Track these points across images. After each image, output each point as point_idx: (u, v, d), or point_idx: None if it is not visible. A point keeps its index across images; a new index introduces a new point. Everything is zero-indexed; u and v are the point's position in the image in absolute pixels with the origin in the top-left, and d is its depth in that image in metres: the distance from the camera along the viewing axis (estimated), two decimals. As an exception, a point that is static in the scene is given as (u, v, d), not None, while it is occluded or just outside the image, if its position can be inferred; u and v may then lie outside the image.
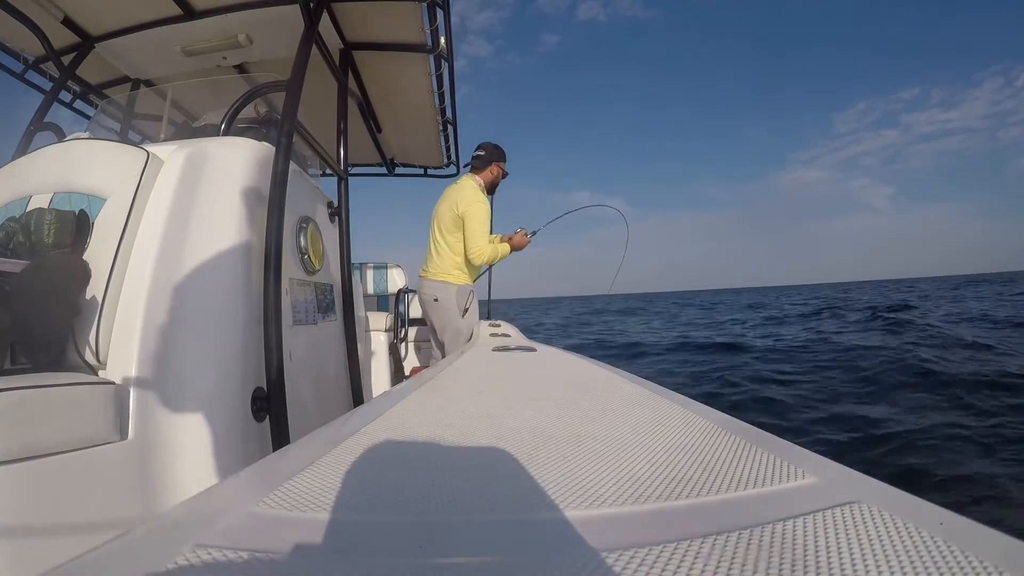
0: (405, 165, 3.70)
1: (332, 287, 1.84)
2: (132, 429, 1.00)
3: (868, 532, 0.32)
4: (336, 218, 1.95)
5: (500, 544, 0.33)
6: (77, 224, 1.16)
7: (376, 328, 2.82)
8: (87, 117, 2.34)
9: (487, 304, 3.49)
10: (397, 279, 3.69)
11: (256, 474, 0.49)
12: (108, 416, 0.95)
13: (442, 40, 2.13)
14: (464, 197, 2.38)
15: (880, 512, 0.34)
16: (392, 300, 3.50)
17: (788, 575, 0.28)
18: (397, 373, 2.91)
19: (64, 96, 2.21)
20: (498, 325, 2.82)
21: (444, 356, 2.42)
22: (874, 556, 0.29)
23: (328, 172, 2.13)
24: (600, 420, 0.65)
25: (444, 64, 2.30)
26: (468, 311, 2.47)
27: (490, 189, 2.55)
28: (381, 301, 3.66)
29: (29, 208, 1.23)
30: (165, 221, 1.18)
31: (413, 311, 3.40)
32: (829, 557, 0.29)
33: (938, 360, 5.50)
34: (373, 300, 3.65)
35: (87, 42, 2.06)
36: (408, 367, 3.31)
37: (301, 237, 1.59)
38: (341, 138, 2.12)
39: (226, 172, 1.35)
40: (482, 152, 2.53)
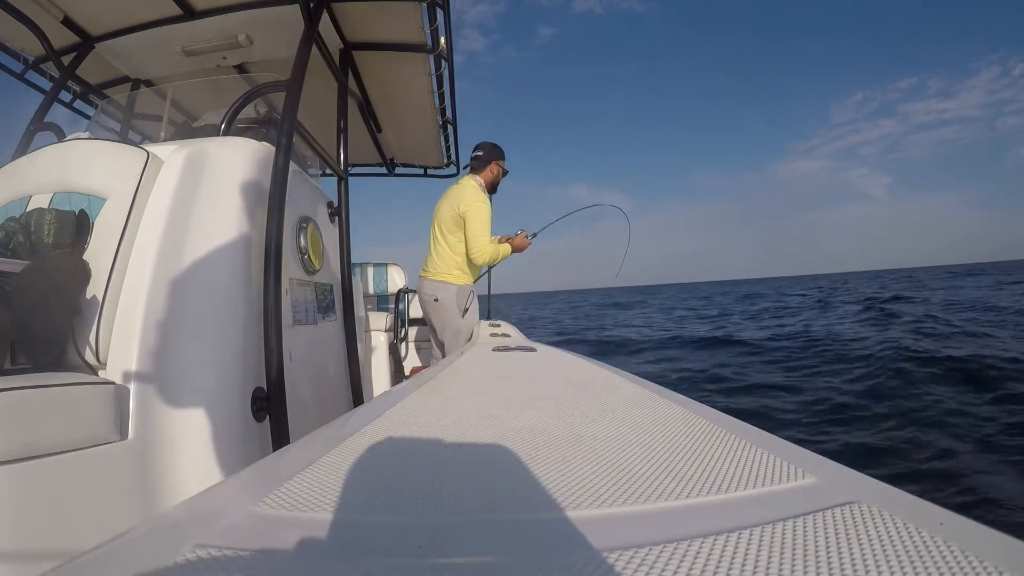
0: (405, 165, 3.70)
1: (332, 287, 1.84)
2: (132, 429, 1.00)
3: (868, 532, 0.32)
4: (336, 218, 1.95)
5: (500, 544, 0.33)
6: (77, 224, 1.16)
7: (376, 328, 2.82)
8: (87, 117, 2.34)
9: (487, 304, 3.49)
10: (397, 279, 3.70)
11: (256, 474, 0.49)
12: (108, 416, 0.95)
13: (442, 40, 2.13)
14: (465, 197, 2.38)
15: (880, 512, 0.34)
16: (392, 300, 3.50)
17: (788, 575, 0.28)
18: (397, 373, 2.91)
19: (64, 96, 2.21)
20: (498, 325, 2.83)
21: (444, 356, 2.42)
22: (874, 556, 0.29)
23: (328, 172, 2.13)
24: (600, 420, 0.65)
25: (444, 64, 2.30)
26: (468, 311, 2.47)
27: (491, 188, 2.54)
28: (381, 301, 3.66)
29: (29, 208, 1.23)
30: (165, 221, 1.18)
31: (413, 311, 3.40)
32: (829, 557, 0.29)
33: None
34: (373, 300, 3.65)
35: (87, 42, 2.06)
36: (408, 367, 3.31)
37: (301, 237, 1.59)
38: (341, 138, 2.12)
39: (226, 172, 1.35)
40: (480, 152, 2.53)
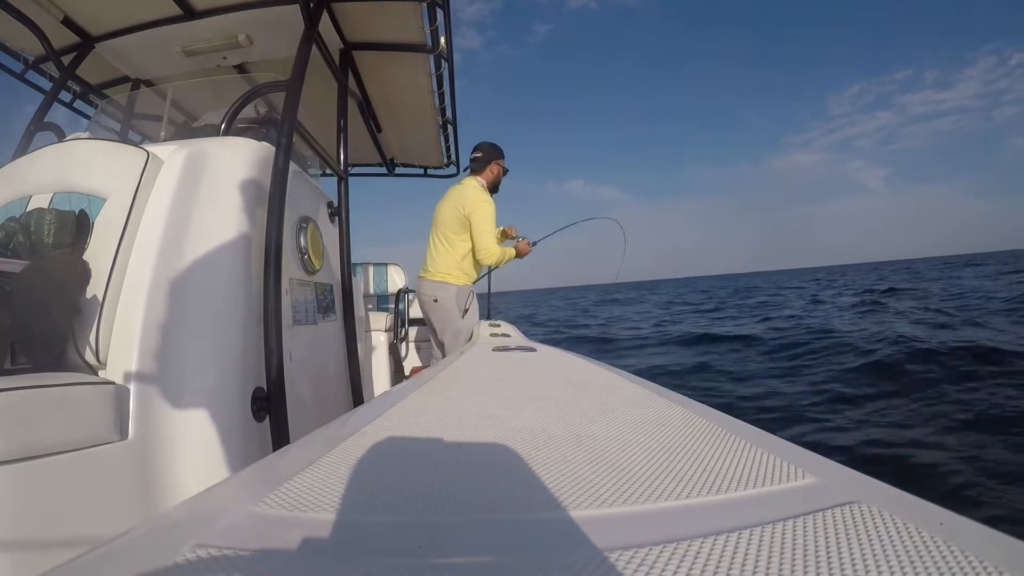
0: (405, 165, 3.70)
1: (332, 287, 1.84)
2: (132, 429, 1.00)
3: (868, 532, 0.32)
4: (336, 218, 1.95)
5: (500, 544, 0.33)
6: (77, 224, 1.16)
7: (376, 328, 2.82)
8: (87, 117, 2.34)
9: (487, 304, 3.50)
10: (397, 279, 3.70)
11: (256, 474, 0.49)
12: (108, 416, 0.95)
13: (442, 40, 2.13)
14: (468, 198, 2.38)
15: (880, 512, 0.34)
16: (392, 300, 3.50)
17: (788, 575, 0.28)
18: (397, 373, 2.91)
19: (64, 96, 2.21)
20: (498, 325, 2.83)
21: (444, 356, 2.42)
22: (874, 556, 0.29)
23: (328, 172, 2.13)
24: (600, 420, 0.65)
25: (444, 64, 2.30)
26: (468, 311, 2.47)
27: (492, 188, 2.55)
28: (381, 301, 3.66)
29: (29, 208, 1.23)
30: (165, 221, 1.18)
31: (413, 311, 3.40)
32: (829, 557, 0.29)
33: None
34: (373, 300, 3.65)
35: (87, 42, 2.06)
36: (408, 367, 3.31)
37: (301, 237, 1.59)
38: (341, 138, 2.12)
39: (226, 172, 1.35)
40: (479, 153, 2.54)
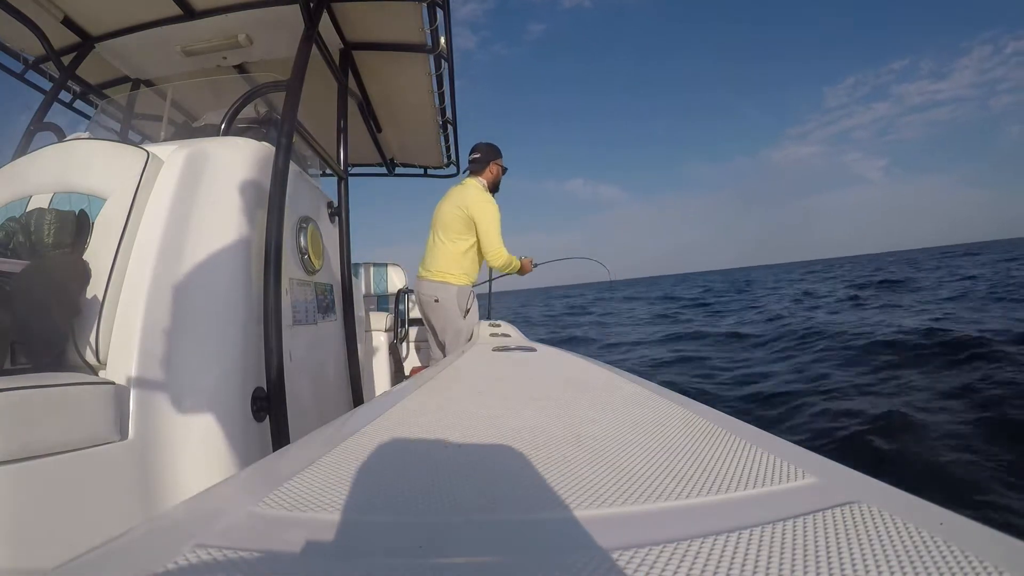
0: (405, 165, 3.70)
1: (332, 287, 1.84)
2: (132, 429, 1.00)
3: (868, 532, 0.32)
4: (336, 218, 1.95)
5: (500, 544, 0.33)
6: (77, 224, 1.16)
7: (376, 328, 2.82)
8: (87, 117, 2.34)
9: (487, 304, 3.50)
10: (397, 279, 3.70)
11: (256, 474, 0.49)
12: (108, 416, 0.95)
13: (442, 40, 2.13)
14: (472, 199, 2.38)
15: (880, 512, 0.34)
16: (392, 300, 3.50)
17: (788, 575, 0.28)
18: (397, 373, 2.91)
19: (64, 96, 2.21)
20: (498, 325, 2.83)
21: (445, 356, 2.42)
22: (874, 556, 0.29)
23: (328, 172, 2.13)
24: (600, 420, 0.65)
25: (444, 64, 2.30)
26: (469, 311, 2.47)
27: (493, 188, 2.56)
28: (381, 301, 3.66)
29: (29, 208, 1.23)
30: (165, 221, 1.18)
31: (413, 311, 3.40)
32: (829, 557, 0.29)
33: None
34: (373, 300, 3.65)
35: (87, 42, 2.06)
36: (408, 367, 3.31)
37: (301, 237, 1.59)
38: (341, 138, 2.12)
39: (226, 172, 1.35)
40: (478, 154, 2.54)
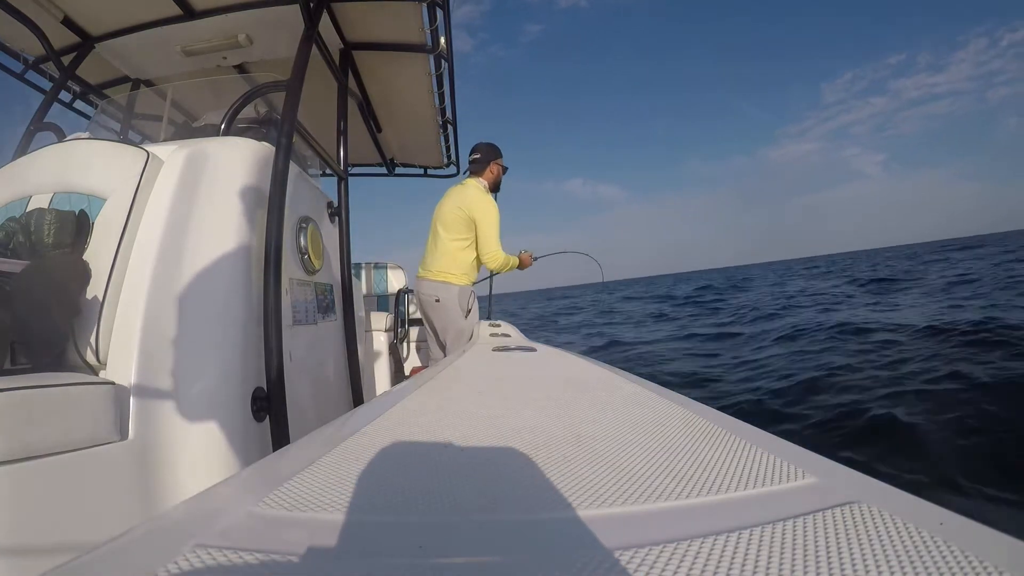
0: (405, 165, 3.70)
1: (332, 287, 1.84)
2: (132, 429, 1.00)
3: (868, 532, 0.32)
4: (336, 218, 1.95)
5: (500, 544, 0.33)
6: (77, 224, 1.16)
7: (376, 328, 2.82)
8: (87, 117, 2.34)
9: (488, 304, 3.50)
10: (397, 279, 3.70)
11: (256, 474, 0.49)
12: (108, 416, 0.95)
13: (442, 40, 2.13)
14: (472, 199, 2.38)
15: (880, 512, 0.34)
16: (392, 300, 3.50)
17: (788, 575, 0.28)
18: (397, 373, 2.91)
19: (64, 96, 2.21)
20: (498, 325, 2.83)
21: (445, 356, 2.42)
22: (874, 556, 0.29)
23: (328, 172, 2.13)
24: (600, 420, 0.65)
25: (444, 64, 2.30)
26: (470, 311, 2.47)
27: (494, 188, 2.56)
28: (381, 301, 3.66)
29: (29, 208, 1.23)
30: (165, 221, 1.18)
31: (413, 311, 3.40)
32: (829, 557, 0.29)
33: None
34: (373, 300, 3.65)
35: (87, 42, 2.06)
36: (408, 367, 3.31)
37: (301, 237, 1.59)
38: (341, 138, 2.12)
39: (226, 172, 1.35)
40: (478, 155, 2.54)
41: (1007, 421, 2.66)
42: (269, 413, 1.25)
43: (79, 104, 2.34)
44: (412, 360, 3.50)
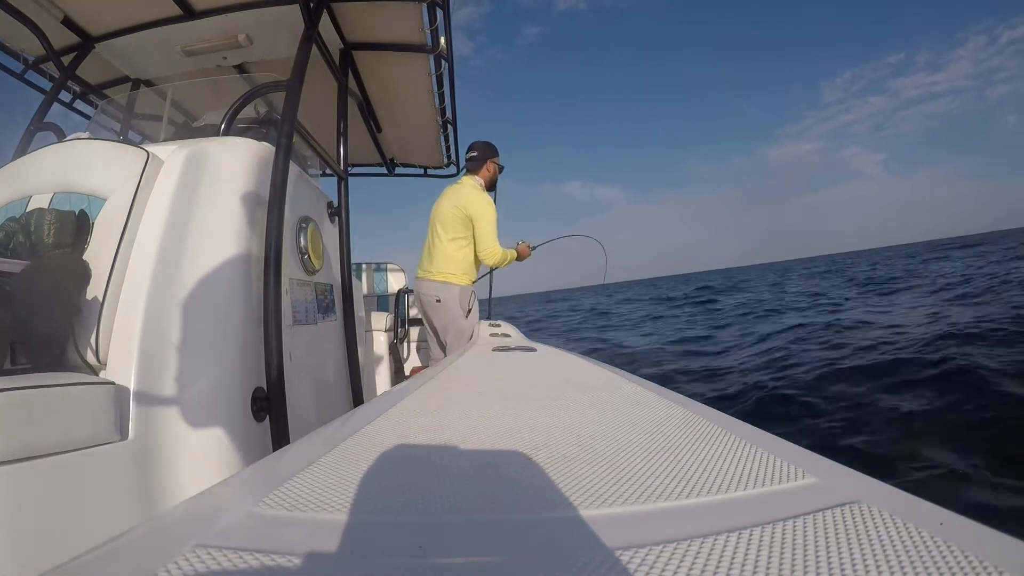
0: (405, 165, 3.70)
1: (332, 287, 1.84)
2: (132, 429, 1.00)
3: (868, 532, 0.32)
4: (336, 218, 1.95)
5: (500, 544, 0.33)
6: (77, 224, 1.16)
7: (376, 328, 2.82)
8: (87, 117, 2.34)
9: (488, 304, 3.50)
10: (397, 279, 3.70)
11: (256, 474, 0.49)
12: (108, 416, 0.95)
13: (442, 40, 2.13)
14: (468, 197, 2.38)
15: (880, 512, 0.34)
16: (392, 300, 3.50)
17: (788, 575, 0.28)
18: (397, 373, 2.91)
19: (64, 96, 2.21)
20: (498, 325, 2.83)
21: (446, 356, 2.42)
22: (874, 556, 0.29)
23: (328, 172, 2.13)
24: (600, 420, 0.65)
25: (444, 64, 2.30)
26: (471, 311, 2.47)
27: (489, 186, 2.56)
28: (381, 301, 3.66)
29: (29, 208, 1.23)
30: (165, 221, 1.18)
31: (413, 311, 3.40)
32: (829, 557, 0.29)
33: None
34: (373, 300, 3.65)
35: (87, 42, 2.06)
36: (408, 367, 3.31)
37: (301, 237, 1.59)
38: (341, 138, 2.12)
39: (226, 172, 1.35)
40: (475, 152, 2.55)
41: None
42: (269, 413, 1.25)
43: (79, 104, 2.34)
44: (412, 360, 3.50)
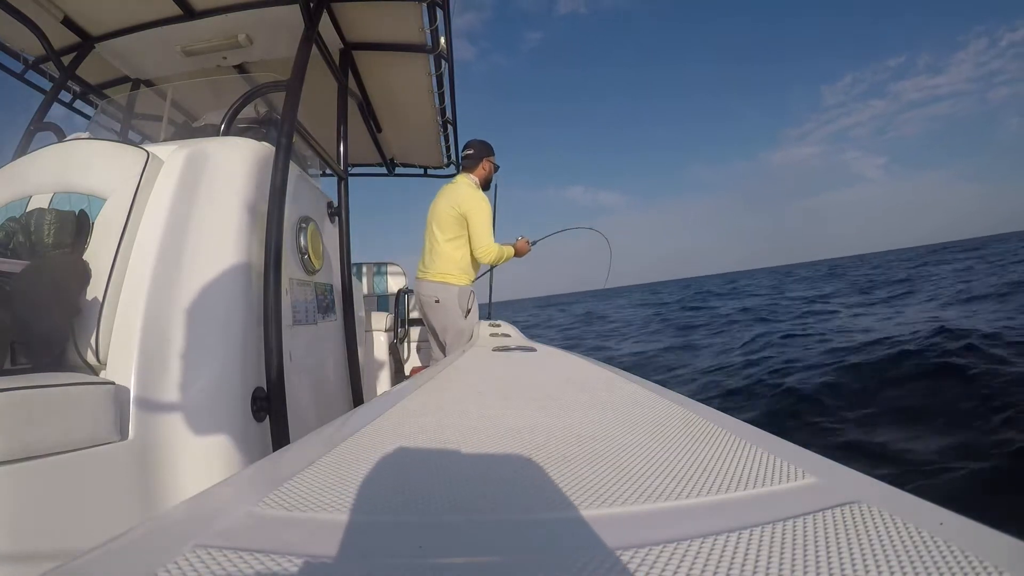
0: (405, 165, 3.70)
1: (332, 287, 1.84)
2: (132, 429, 1.00)
3: (868, 532, 0.32)
4: (336, 218, 1.95)
5: (500, 544, 0.33)
6: (77, 224, 1.16)
7: (376, 328, 2.82)
8: (87, 117, 2.34)
9: (488, 304, 3.50)
10: (397, 280, 3.70)
11: (256, 474, 0.49)
12: (108, 416, 0.95)
13: (442, 40, 2.13)
14: (464, 196, 2.38)
15: (880, 512, 0.34)
16: (392, 300, 3.50)
17: (788, 575, 0.28)
18: (397, 373, 2.91)
19: (64, 96, 2.21)
20: (498, 325, 2.83)
21: (445, 356, 2.42)
22: (874, 556, 0.29)
23: (328, 172, 2.13)
24: (600, 420, 0.65)
25: (444, 64, 2.30)
26: (470, 311, 2.47)
27: (484, 185, 2.57)
28: (381, 301, 3.66)
29: (29, 208, 1.23)
30: (165, 221, 1.18)
31: (413, 311, 3.40)
32: (829, 557, 0.29)
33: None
34: (373, 300, 3.65)
35: (87, 42, 2.06)
36: (408, 367, 3.31)
37: (301, 237, 1.59)
38: (341, 138, 2.12)
39: (226, 172, 1.35)
40: (471, 151, 2.55)
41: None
42: (269, 413, 1.25)
43: (79, 104, 2.34)
44: (412, 360, 3.50)
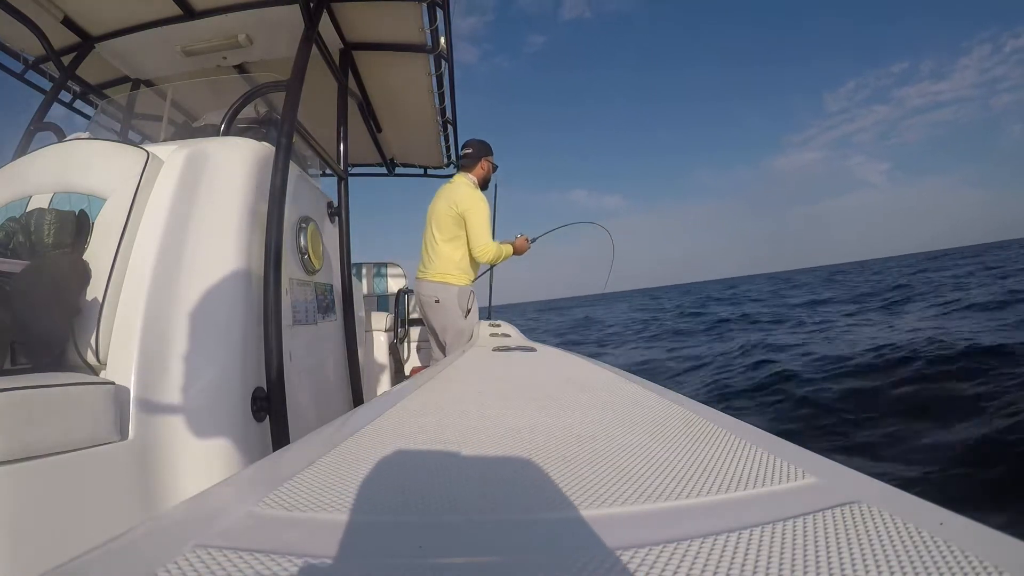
0: (405, 165, 3.70)
1: (332, 287, 1.84)
2: (132, 429, 1.00)
3: (868, 532, 0.32)
4: (336, 218, 1.95)
5: (500, 544, 0.33)
6: (77, 224, 1.16)
7: (376, 328, 2.82)
8: (87, 117, 2.34)
9: (488, 305, 3.50)
10: (397, 280, 3.70)
11: (256, 474, 0.49)
12: (108, 416, 0.95)
13: (442, 40, 2.13)
14: (462, 196, 2.38)
15: (880, 512, 0.34)
16: (392, 300, 3.50)
17: (788, 575, 0.28)
18: (397, 373, 2.91)
19: (64, 96, 2.21)
20: (498, 325, 2.83)
21: (445, 356, 2.42)
22: (874, 556, 0.29)
23: (328, 172, 2.13)
24: (600, 420, 0.65)
25: (444, 64, 2.30)
26: (470, 311, 2.47)
27: (483, 184, 2.57)
28: (381, 301, 3.66)
29: (29, 208, 1.23)
30: (165, 221, 1.18)
31: (413, 311, 3.40)
32: (829, 557, 0.29)
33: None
34: (373, 300, 3.65)
35: (87, 42, 2.06)
36: (408, 367, 3.31)
37: (301, 237, 1.59)
38: (341, 138, 2.12)
39: (226, 172, 1.35)
40: (470, 150, 2.55)
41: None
42: (269, 413, 1.25)
43: (79, 104, 2.34)
44: (412, 360, 3.50)
